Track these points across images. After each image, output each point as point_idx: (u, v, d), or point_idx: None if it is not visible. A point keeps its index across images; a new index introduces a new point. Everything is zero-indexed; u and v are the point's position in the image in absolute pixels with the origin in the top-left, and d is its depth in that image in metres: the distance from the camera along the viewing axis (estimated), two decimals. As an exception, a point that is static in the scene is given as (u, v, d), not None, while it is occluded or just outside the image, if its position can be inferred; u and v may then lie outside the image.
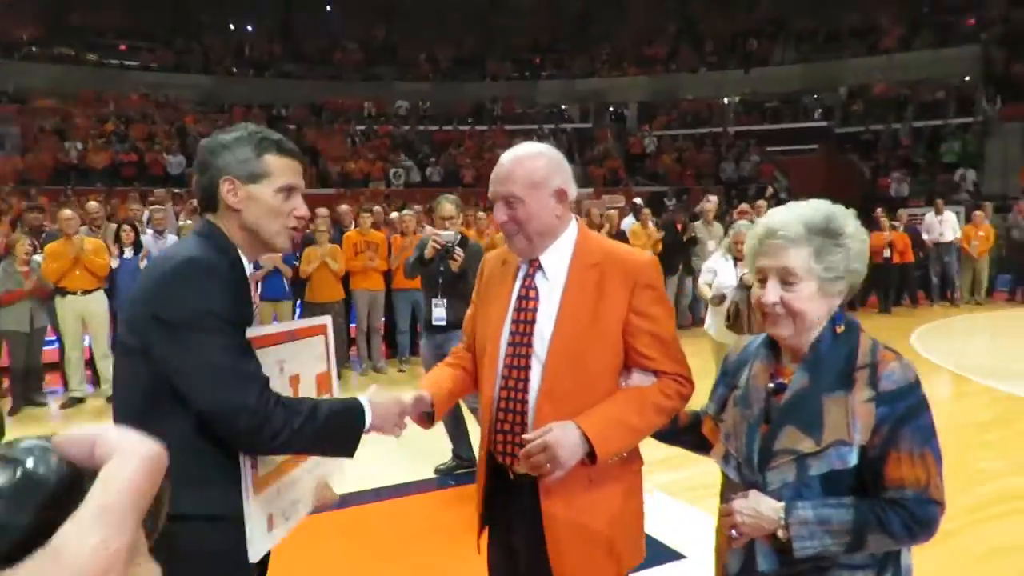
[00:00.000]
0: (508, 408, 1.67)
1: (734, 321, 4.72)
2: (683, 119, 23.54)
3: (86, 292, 6.40)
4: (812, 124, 21.73)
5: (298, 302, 7.62)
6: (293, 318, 7.63)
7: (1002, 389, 6.39)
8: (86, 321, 6.49)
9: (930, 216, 11.81)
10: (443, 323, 4.28)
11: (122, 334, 1.47)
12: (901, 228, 11.25)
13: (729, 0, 26.57)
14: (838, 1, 24.08)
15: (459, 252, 4.25)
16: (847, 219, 1.41)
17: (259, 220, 1.52)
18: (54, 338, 6.88)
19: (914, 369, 1.40)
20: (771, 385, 1.45)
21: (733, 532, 1.37)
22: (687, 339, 1.59)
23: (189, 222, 7.69)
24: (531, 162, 1.70)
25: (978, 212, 11.68)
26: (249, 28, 26.44)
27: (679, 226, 9.78)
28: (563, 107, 24.99)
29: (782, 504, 1.33)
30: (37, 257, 6.45)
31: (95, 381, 6.88)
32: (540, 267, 1.72)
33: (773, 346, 1.51)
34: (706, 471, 2.32)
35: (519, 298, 1.72)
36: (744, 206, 10.64)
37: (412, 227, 7.69)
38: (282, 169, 1.54)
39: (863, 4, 23.65)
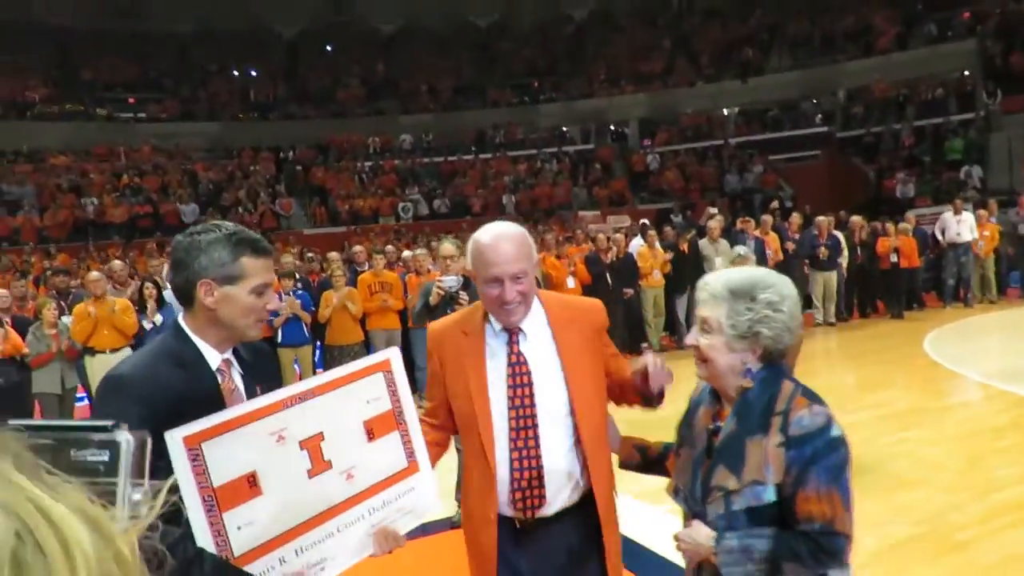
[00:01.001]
0: (524, 467, 1.84)
1: None
2: (684, 134, 23.74)
3: (114, 350, 6.61)
4: (813, 130, 21.84)
5: (318, 344, 7.83)
6: (314, 361, 7.83)
7: (1019, 393, 6.37)
8: (115, 378, 6.69)
9: (948, 215, 11.72)
10: None
11: None
12: (910, 232, 11.31)
13: (722, 10, 26.86)
14: (831, 4, 24.30)
15: (464, 297, 4.28)
16: (769, 289, 1.58)
17: (233, 317, 1.62)
18: (84, 395, 7.09)
19: (824, 414, 1.55)
20: (711, 427, 1.67)
21: (682, 556, 1.62)
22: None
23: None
24: (521, 239, 1.87)
25: (982, 211, 11.70)
26: (253, 72, 27.01)
27: (685, 245, 9.90)
28: (564, 129, 25.28)
29: (715, 534, 1.54)
30: (65, 319, 6.68)
31: (126, 435, 7.05)
32: (522, 332, 1.90)
33: (716, 391, 1.70)
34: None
35: (511, 365, 1.87)
36: (750, 221, 10.80)
37: (427, 266, 7.89)
38: (257, 270, 1.63)
39: (857, 6, 23.84)
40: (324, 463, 1.62)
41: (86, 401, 7.09)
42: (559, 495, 1.85)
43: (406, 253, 9.12)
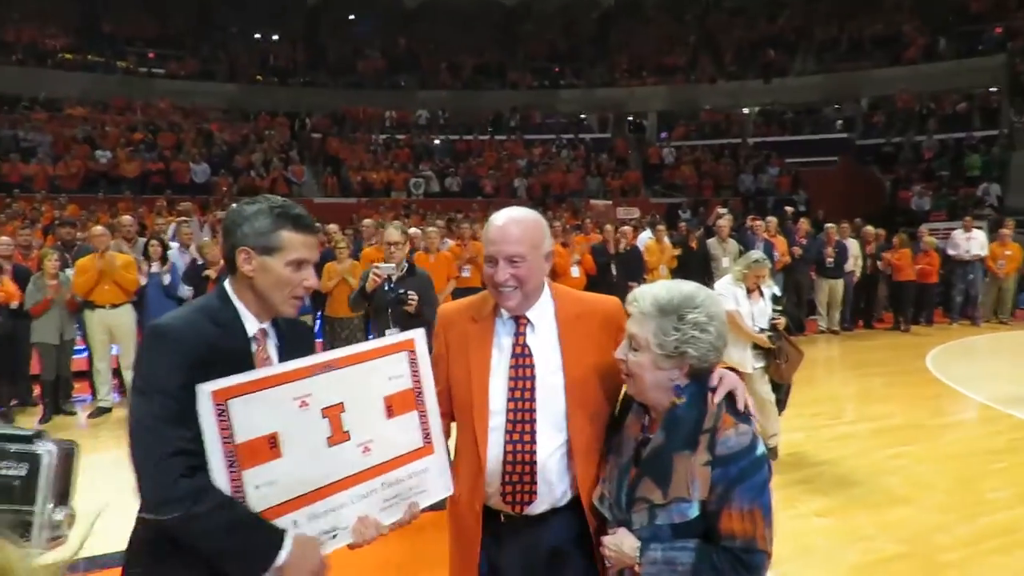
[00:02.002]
0: (517, 460, 1.80)
1: (778, 365, 4.99)
2: (702, 129, 23.53)
3: (114, 306, 6.62)
4: (832, 136, 21.63)
5: (319, 314, 7.82)
6: (314, 331, 7.83)
7: (1018, 416, 6.34)
8: (113, 333, 6.71)
9: (957, 233, 11.71)
10: None
11: None
12: (935, 247, 11.26)
13: (749, 9, 26.53)
14: (861, 10, 23.96)
15: (412, 297, 4.22)
16: (697, 309, 1.59)
17: (268, 288, 1.66)
18: (84, 347, 7.11)
19: (750, 434, 1.57)
20: (639, 437, 1.69)
21: (607, 562, 1.65)
22: None
23: (207, 239, 7.88)
24: (531, 225, 1.83)
25: (1005, 230, 11.59)
26: (275, 37, 26.85)
27: (695, 243, 9.83)
28: (582, 116, 25.09)
29: (639, 544, 1.58)
30: (68, 271, 6.68)
31: (121, 391, 7.10)
32: (530, 323, 1.86)
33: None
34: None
35: (515, 356, 1.83)
36: (759, 219, 10.70)
37: (436, 243, 7.89)
38: (295, 244, 1.66)
39: (887, 13, 23.51)
40: (343, 433, 1.65)
41: (85, 354, 7.11)
42: (549, 494, 1.81)
43: (413, 230, 9.08)
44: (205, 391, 1.46)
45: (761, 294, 5.17)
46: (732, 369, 1.74)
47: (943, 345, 9.79)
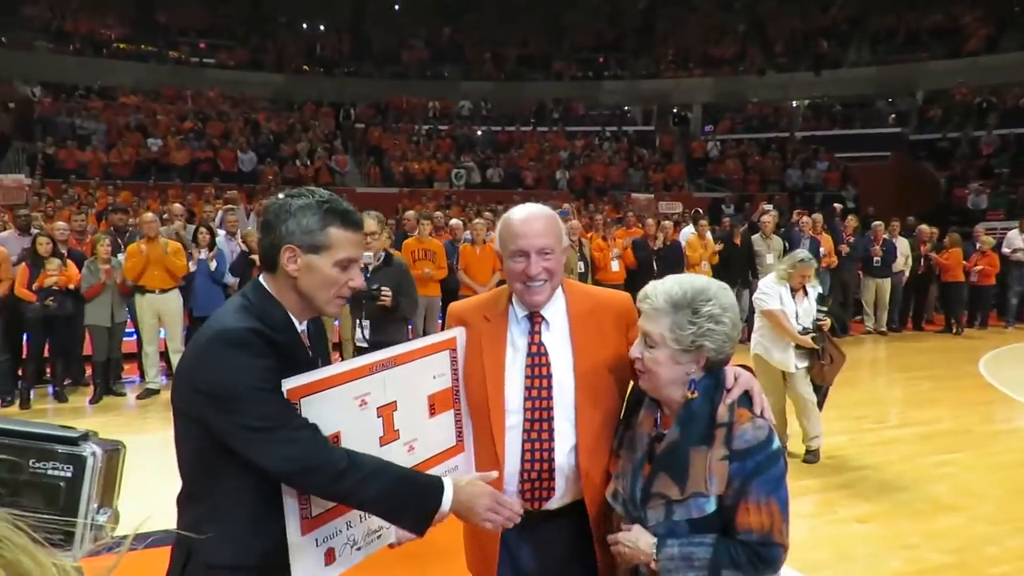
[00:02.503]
0: (536, 459, 1.81)
1: (821, 366, 4.90)
2: (749, 123, 23.06)
3: (163, 291, 6.81)
4: (885, 130, 20.96)
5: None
6: (353, 321, 7.92)
7: (1073, 423, 6.12)
8: (162, 317, 6.91)
9: (1013, 233, 11.30)
10: (364, 344, 4.04)
11: (174, 398, 1.56)
12: (993, 247, 10.88)
13: (801, -1, 25.87)
14: (919, 0, 23.15)
15: (385, 292, 4.03)
16: (710, 302, 1.58)
17: (313, 289, 1.57)
18: (133, 330, 7.33)
19: (767, 428, 1.57)
20: (652, 433, 1.68)
21: (617, 556, 1.64)
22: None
23: (252, 228, 8.03)
24: (551, 219, 1.84)
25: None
26: (321, 27, 27.16)
27: (738, 239, 9.65)
28: (626, 108, 24.81)
29: (655, 540, 1.57)
30: (120, 256, 6.89)
31: (169, 373, 7.30)
32: (544, 321, 1.86)
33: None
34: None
35: (531, 354, 1.83)
36: (805, 214, 10.46)
37: (483, 235, 7.92)
38: (343, 243, 1.57)
39: (946, 3, 22.67)
40: (394, 432, 1.66)
41: (134, 337, 7.33)
42: (567, 489, 1.83)
43: (454, 221, 9.13)
44: (283, 389, 1.46)
45: (806, 293, 5.06)
46: (745, 367, 1.73)
47: (997, 349, 9.45)
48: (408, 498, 1.52)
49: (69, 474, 0.54)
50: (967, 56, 21.05)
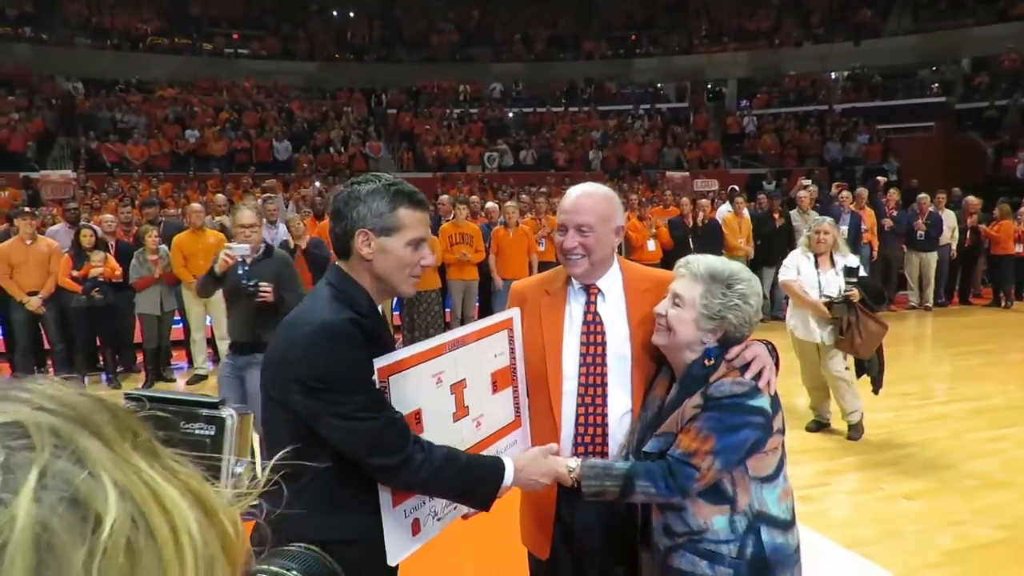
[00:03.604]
0: (588, 423, 1.91)
1: (851, 339, 4.70)
2: (785, 96, 22.54)
3: (208, 279, 6.97)
4: (928, 100, 20.31)
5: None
6: (392, 304, 8.04)
7: None
8: (207, 305, 7.08)
9: (1061, 204, 10.96)
10: (246, 340, 3.91)
11: (265, 385, 1.63)
12: None
13: (839, -34, 25.10)
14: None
15: (265, 288, 3.83)
16: (743, 282, 1.74)
17: (388, 270, 1.63)
18: (180, 319, 7.54)
19: (748, 386, 1.66)
20: (664, 396, 1.83)
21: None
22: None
23: (294, 215, 8.16)
24: (602, 198, 1.94)
25: None
26: (351, 14, 27.26)
27: (776, 214, 9.50)
28: (659, 85, 24.46)
29: (578, 459, 1.74)
30: (164, 246, 7.07)
31: (215, 359, 7.50)
32: (600, 292, 1.96)
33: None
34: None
35: (586, 323, 1.94)
36: (844, 186, 10.24)
37: (515, 218, 7.95)
38: (413, 222, 1.63)
39: (992, -35, 21.80)
40: (464, 408, 1.76)
41: (181, 324, 7.54)
42: (618, 453, 1.92)
43: (490, 204, 9.15)
44: (374, 367, 1.55)
45: (833, 264, 4.91)
46: (766, 342, 1.82)
47: (1048, 323, 9.19)
48: (475, 482, 1.62)
49: (212, 433, 0.65)
50: (1015, 20, 20.23)
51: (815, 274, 4.90)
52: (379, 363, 1.54)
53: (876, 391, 4.98)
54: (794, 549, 1.75)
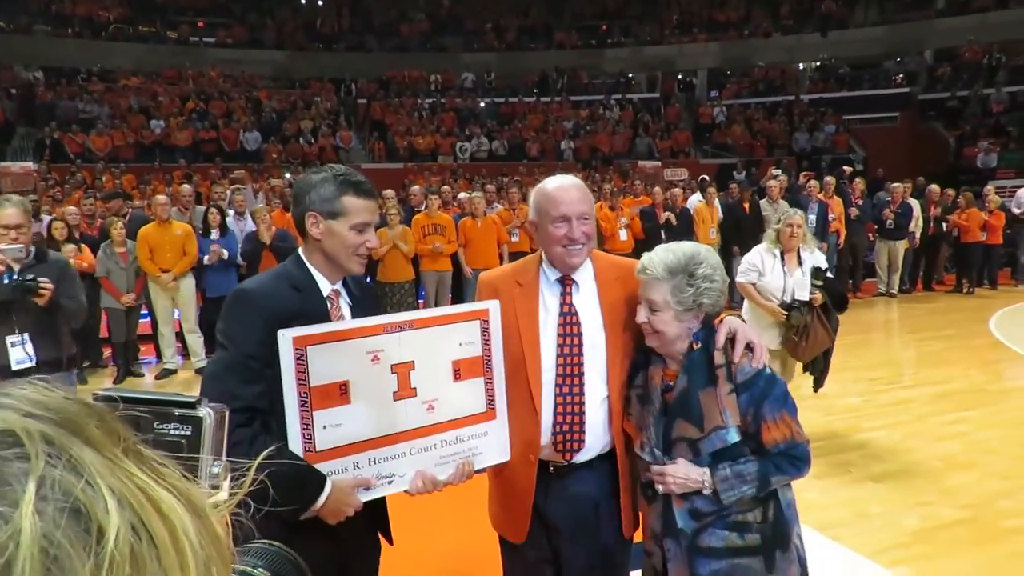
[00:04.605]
0: (567, 411, 1.95)
1: (795, 343, 4.38)
2: (755, 87, 22.78)
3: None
4: (893, 91, 20.67)
5: (368, 279, 7.96)
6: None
7: (1085, 380, 6.12)
8: (175, 299, 6.96)
9: (1022, 191, 11.24)
10: (29, 364, 3.31)
11: None
12: (1000, 206, 10.79)
13: (807, -42, 25.35)
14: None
15: (45, 284, 3.27)
16: (702, 264, 1.82)
17: (335, 250, 1.83)
18: (147, 312, 7.40)
19: (760, 361, 1.82)
20: (662, 386, 1.89)
21: (660, 488, 1.82)
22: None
23: (261, 205, 8.05)
24: (584, 188, 2.01)
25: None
26: (320, 2, 26.83)
27: (746, 204, 9.61)
28: (630, 76, 24.53)
29: (706, 468, 1.78)
30: (130, 242, 6.92)
31: (184, 353, 7.38)
32: (575, 283, 2.00)
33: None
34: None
35: (563, 314, 1.97)
36: (812, 175, 10.39)
37: (482, 209, 7.92)
38: (358, 209, 1.82)
39: (954, -42, 22.20)
40: (410, 389, 1.80)
41: (148, 318, 7.40)
42: (595, 442, 1.96)
43: (462, 195, 9.12)
44: (287, 336, 1.62)
45: (800, 263, 4.54)
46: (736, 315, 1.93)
47: (1007, 308, 9.44)
48: (289, 489, 1.57)
49: (188, 433, 0.63)
50: (976, 13, 20.66)
51: (782, 275, 4.51)
52: (295, 332, 1.63)
53: (816, 389, 4.78)
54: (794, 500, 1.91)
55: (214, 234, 7.13)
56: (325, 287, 1.87)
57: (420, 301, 8.04)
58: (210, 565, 0.41)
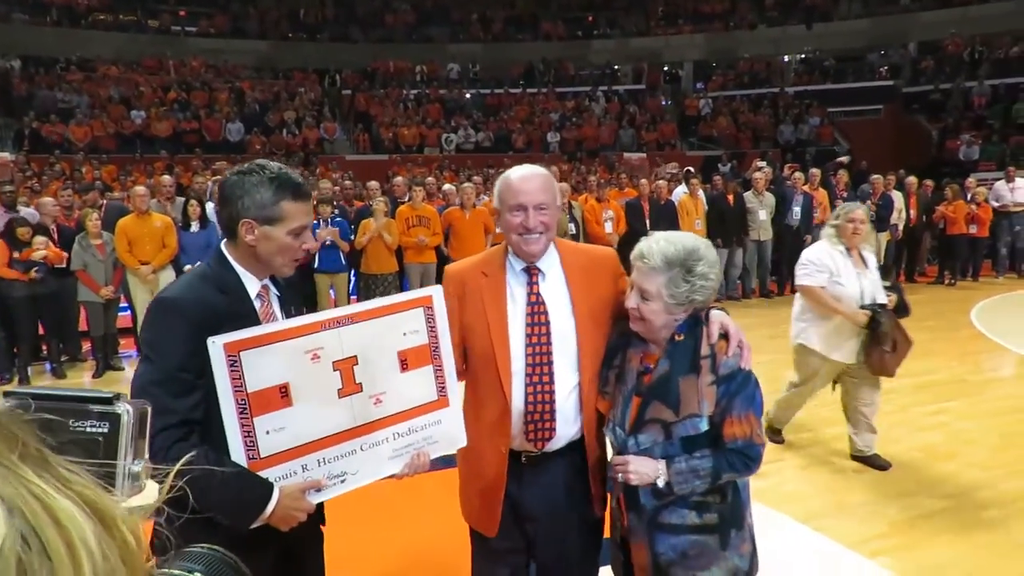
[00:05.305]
0: (537, 401, 1.95)
1: (883, 355, 3.91)
2: (740, 79, 22.85)
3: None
4: (877, 84, 20.81)
5: (353, 272, 7.90)
6: (349, 289, 7.92)
7: (1064, 370, 6.19)
8: (154, 292, 6.86)
9: (1000, 184, 11.34)
10: None
11: None
12: (983, 198, 10.85)
13: (792, -49, 25.41)
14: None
15: None
16: (701, 261, 1.80)
17: (270, 254, 1.74)
18: (126, 305, 7.29)
19: (739, 354, 1.84)
20: (640, 368, 1.90)
21: (619, 477, 1.84)
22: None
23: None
24: (548, 178, 2.00)
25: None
26: (303, -9, 26.55)
27: (731, 196, 9.62)
28: (616, 67, 24.52)
29: (663, 461, 1.81)
30: (106, 234, 6.82)
31: (166, 347, 7.28)
32: (541, 273, 2.00)
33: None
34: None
35: (530, 303, 1.97)
36: (797, 167, 10.42)
37: (472, 199, 7.87)
38: (296, 213, 1.72)
39: (937, -49, 22.33)
40: (355, 385, 1.74)
41: (128, 312, 7.30)
42: (566, 430, 1.97)
43: (447, 186, 9.06)
44: (218, 344, 1.55)
45: (864, 262, 4.05)
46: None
47: (988, 299, 9.53)
48: (235, 500, 1.59)
49: (105, 430, 0.60)
50: (958, 6, 20.81)
51: (856, 276, 3.97)
52: (225, 339, 1.56)
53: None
54: (748, 482, 1.97)
55: (194, 226, 7.03)
56: (253, 286, 1.77)
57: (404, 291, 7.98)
58: None
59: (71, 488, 0.39)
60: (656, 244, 1.83)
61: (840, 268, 3.95)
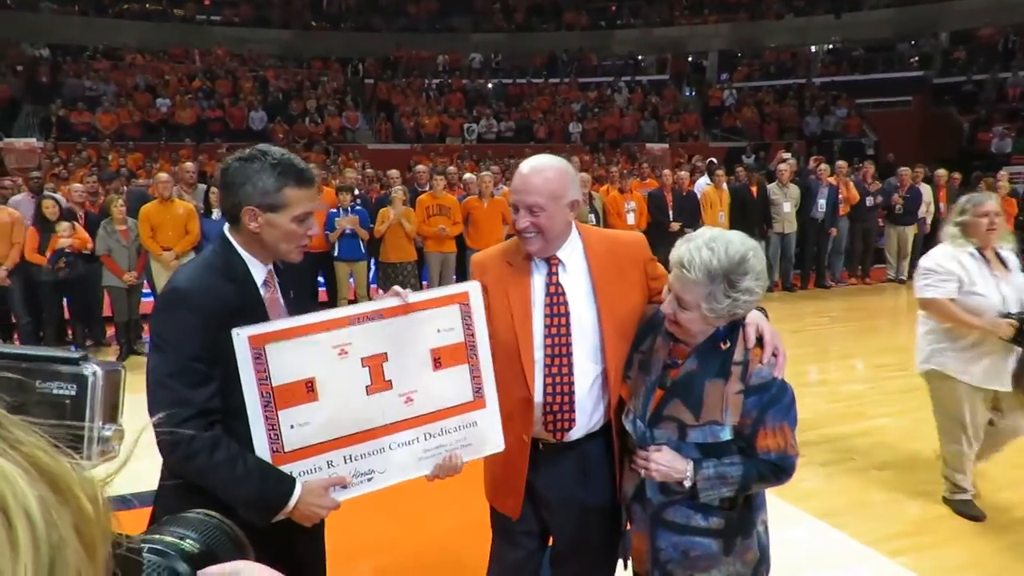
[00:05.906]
0: (556, 391, 1.91)
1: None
2: (766, 69, 22.52)
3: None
4: (907, 74, 20.39)
5: (372, 261, 7.92)
6: (368, 277, 7.94)
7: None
8: (179, 278, 6.93)
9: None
10: None
11: None
12: (1007, 192, 10.61)
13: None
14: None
15: None
16: (747, 275, 1.64)
17: (275, 241, 1.71)
18: (149, 291, 7.38)
19: (774, 363, 1.76)
20: (668, 361, 1.82)
21: (642, 472, 1.78)
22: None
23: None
24: (552, 176, 1.89)
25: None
26: (327, -20, 26.60)
27: (754, 188, 9.50)
28: (639, 57, 24.27)
29: (691, 463, 1.73)
30: (131, 220, 6.89)
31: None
32: (561, 263, 1.95)
33: None
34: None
35: (549, 294, 1.93)
36: (822, 159, 10.25)
37: (489, 188, 7.84)
38: (299, 200, 1.69)
39: (972, -63, 21.78)
40: (384, 382, 1.71)
41: (152, 297, 7.38)
42: (586, 420, 1.94)
43: (467, 176, 9.03)
44: (242, 336, 1.54)
45: (1004, 264, 3.35)
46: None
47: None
48: (256, 495, 1.58)
49: (73, 392, 0.58)
50: (995, -7, 20.30)
51: (994, 281, 3.28)
52: (250, 331, 1.56)
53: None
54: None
55: (215, 213, 7.08)
56: (259, 272, 1.74)
57: (424, 283, 7.99)
58: (61, 547, 0.36)
59: (18, 449, 0.37)
60: (699, 253, 1.65)
61: (973, 274, 3.28)
